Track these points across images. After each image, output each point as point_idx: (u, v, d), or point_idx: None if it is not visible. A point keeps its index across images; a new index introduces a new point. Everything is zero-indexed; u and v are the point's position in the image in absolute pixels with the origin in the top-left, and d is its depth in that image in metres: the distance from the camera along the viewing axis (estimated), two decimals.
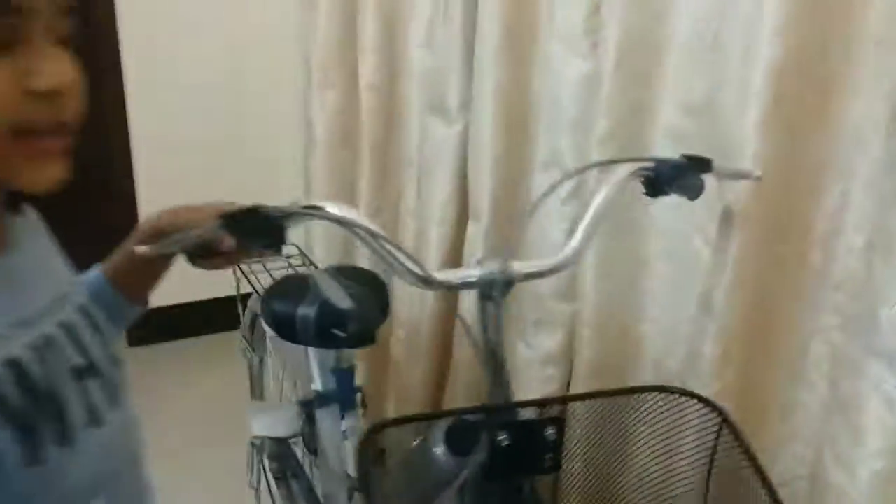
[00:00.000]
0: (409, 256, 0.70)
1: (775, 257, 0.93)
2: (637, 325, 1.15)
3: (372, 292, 1.22)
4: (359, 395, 1.25)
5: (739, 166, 0.88)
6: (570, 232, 0.84)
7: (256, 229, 0.70)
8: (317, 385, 1.27)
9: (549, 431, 0.69)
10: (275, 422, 1.41)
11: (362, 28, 1.59)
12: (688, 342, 1.01)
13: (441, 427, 0.83)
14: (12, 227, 0.59)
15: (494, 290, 0.73)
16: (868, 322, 0.77)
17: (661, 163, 0.82)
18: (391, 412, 1.61)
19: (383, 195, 1.65)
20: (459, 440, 0.84)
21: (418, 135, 1.51)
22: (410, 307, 1.52)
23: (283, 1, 2.08)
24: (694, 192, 0.85)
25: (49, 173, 0.53)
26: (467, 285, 0.73)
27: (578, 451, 0.75)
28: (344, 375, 1.21)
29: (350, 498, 1.22)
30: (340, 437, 1.22)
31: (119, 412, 0.62)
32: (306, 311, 1.14)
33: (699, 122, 1.02)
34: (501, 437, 0.70)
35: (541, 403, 0.74)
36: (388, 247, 0.71)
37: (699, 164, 0.82)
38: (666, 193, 0.83)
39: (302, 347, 1.29)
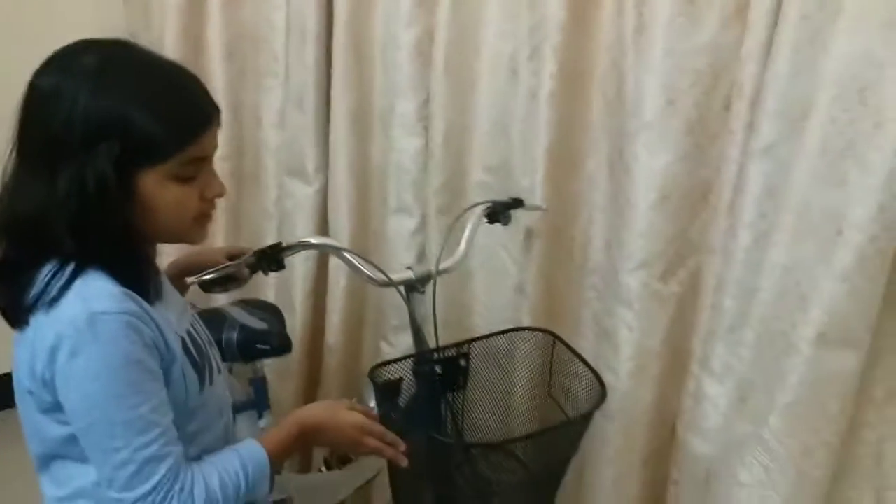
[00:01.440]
0: (375, 266, 1.13)
1: (556, 258, 1.50)
2: (470, 316, 1.66)
3: (273, 315, 1.58)
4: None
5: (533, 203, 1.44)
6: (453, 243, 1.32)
7: (274, 260, 1.08)
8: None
9: (462, 362, 1.16)
10: None
11: None
12: (510, 318, 1.53)
13: (368, 387, 1.26)
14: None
15: (419, 284, 1.19)
16: (615, 285, 1.36)
17: (496, 202, 1.34)
18: None
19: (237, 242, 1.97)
20: (386, 393, 1.26)
21: (276, 193, 1.88)
22: None
23: None
24: (507, 221, 1.39)
25: (205, 233, 0.92)
26: (406, 281, 1.17)
27: (476, 374, 1.21)
28: (259, 384, 1.53)
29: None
30: (259, 433, 1.53)
31: (223, 367, 0.99)
32: (230, 335, 1.46)
33: (496, 177, 1.57)
34: (437, 369, 1.14)
35: (456, 345, 1.19)
36: (357, 261, 1.13)
37: (517, 203, 1.36)
38: (498, 221, 1.36)
39: None
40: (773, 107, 1.13)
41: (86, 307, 0.77)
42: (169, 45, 1.86)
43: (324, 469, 1.49)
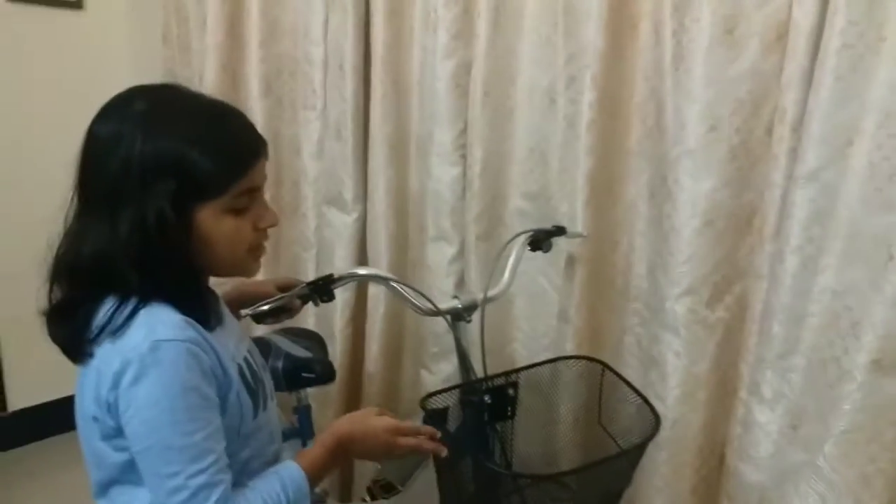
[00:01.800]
0: (423, 296, 1.14)
1: (597, 284, 1.50)
2: (510, 343, 1.67)
3: (316, 344, 1.60)
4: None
5: (574, 231, 1.44)
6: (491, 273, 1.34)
7: (325, 291, 1.10)
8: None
9: (510, 391, 1.16)
10: None
11: None
12: (552, 345, 1.54)
13: (412, 416, 1.27)
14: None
15: (465, 312, 1.20)
16: (660, 312, 1.36)
17: (538, 230, 1.35)
18: None
19: (275, 274, 2.00)
20: (432, 423, 1.27)
21: (315, 222, 1.91)
22: None
23: None
24: (548, 248, 1.40)
25: (258, 266, 0.96)
26: (453, 310, 1.18)
27: (524, 403, 1.21)
28: (304, 412, 1.55)
29: None
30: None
31: (274, 394, 1.02)
32: (276, 363, 1.48)
33: (535, 204, 1.59)
34: (486, 398, 1.14)
35: (504, 374, 1.19)
36: (406, 290, 1.14)
37: (559, 230, 1.37)
38: (540, 249, 1.37)
39: None
40: (817, 133, 1.13)
41: (149, 335, 0.81)
42: (208, 82, 1.91)
43: (367, 499, 1.49)
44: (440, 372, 1.71)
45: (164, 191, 0.82)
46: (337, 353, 1.85)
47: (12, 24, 2.17)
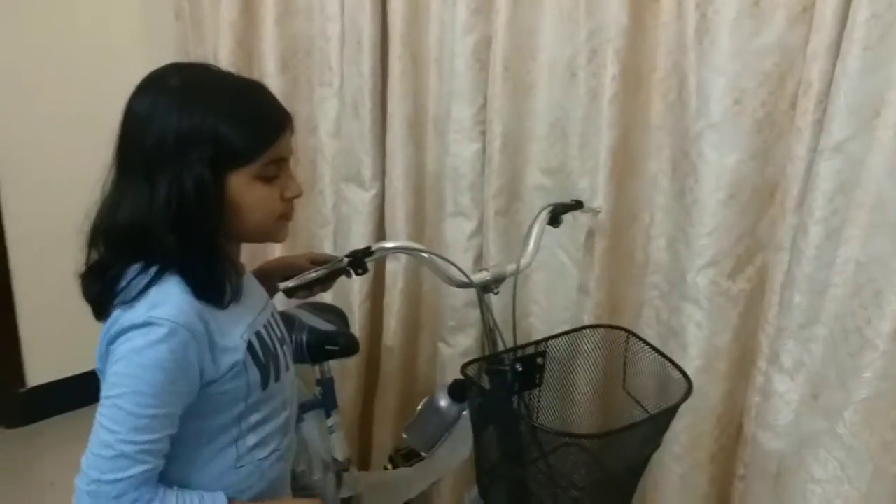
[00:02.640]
0: (456, 267, 1.16)
1: (617, 258, 1.52)
2: (527, 317, 1.68)
3: (339, 318, 1.62)
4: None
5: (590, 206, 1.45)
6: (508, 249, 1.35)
7: (361, 264, 1.11)
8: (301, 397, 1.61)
9: (539, 360, 1.18)
10: None
11: None
12: (571, 318, 1.55)
13: (441, 387, 1.29)
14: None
15: (494, 284, 1.21)
16: (682, 284, 1.37)
17: (557, 204, 1.37)
18: None
19: (292, 251, 2.01)
20: (457, 393, 1.29)
21: (332, 199, 1.92)
22: None
23: None
24: (559, 223, 1.41)
25: (287, 232, 0.99)
26: (484, 282, 1.20)
27: (550, 371, 1.23)
28: (328, 384, 1.57)
29: (339, 479, 1.56)
30: (327, 431, 1.56)
31: (292, 365, 1.03)
32: (300, 336, 1.50)
33: (554, 180, 1.60)
34: (518, 367, 1.16)
35: (533, 343, 1.21)
36: (440, 262, 1.16)
37: (577, 205, 1.38)
38: (559, 222, 1.38)
39: None
40: (843, 104, 1.14)
41: (150, 310, 0.86)
42: (223, 59, 1.91)
43: (389, 467, 1.52)
44: (458, 345, 1.73)
45: (201, 158, 0.87)
46: (356, 328, 1.87)
47: (25, 2, 2.17)
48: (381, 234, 1.85)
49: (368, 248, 1.12)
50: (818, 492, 1.20)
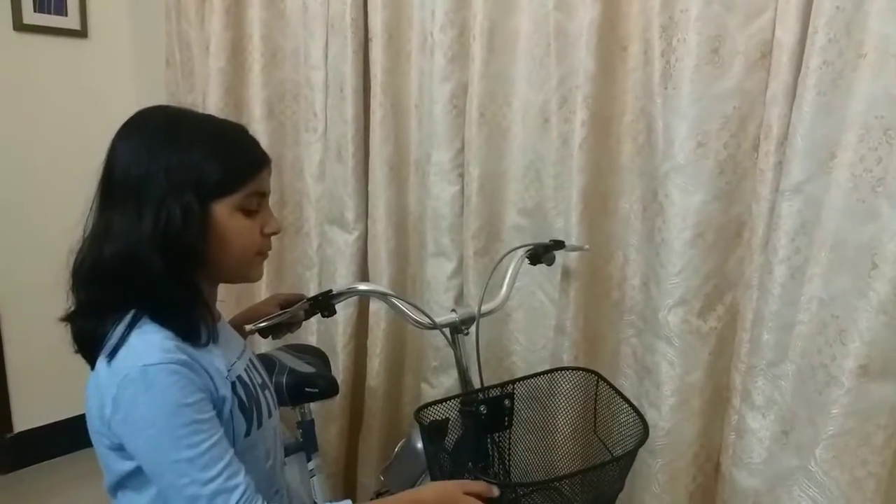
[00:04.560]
0: (421, 310, 1.18)
1: (593, 297, 1.54)
2: (509, 356, 1.70)
3: (319, 360, 1.63)
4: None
5: (573, 244, 1.48)
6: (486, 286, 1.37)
7: (326, 306, 1.13)
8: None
9: (507, 402, 1.19)
10: None
11: None
12: (550, 357, 1.57)
13: (416, 427, 1.29)
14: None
15: (463, 325, 1.23)
16: (654, 323, 1.39)
17: (537, 245, 1.39)
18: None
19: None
20: (432, 434, 1.30)
21: (317, 241, 1.95)
22: None
23: None
24: (551, 261, 1.44)
25: (262, 271, 1.00)
26: (451, 323, 1.22)
27: (523, 414, 1.24)
28: (308, 427, 1.57)
29: None
30: (308, 475, 1.57)
31: (276, 411, 1.03)
32: (280, 379, 1.51)
33: (531, 220, 1.63)
34: (482, 409, 1.17)
35: (500, 385, 1.22)
36: (404, 305, 1.18)
37: (558, 245, 1.41)
38: (540, 262, 1.40)
39: None
40: (801, 147, 1.17)
41: (138, 360, 0.86)
42: (211, 105, 1.96)
43: None
44: (441, 385, 1.74)
45: (187, 187, 0.90)
46: (339, 368, 1.88)
47: (20, 52, 2.24)
48: (364, 275, 1.88)
49: (329, 291, 1.15)
50: None
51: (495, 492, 0.97)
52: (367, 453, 1.89)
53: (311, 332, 1.97)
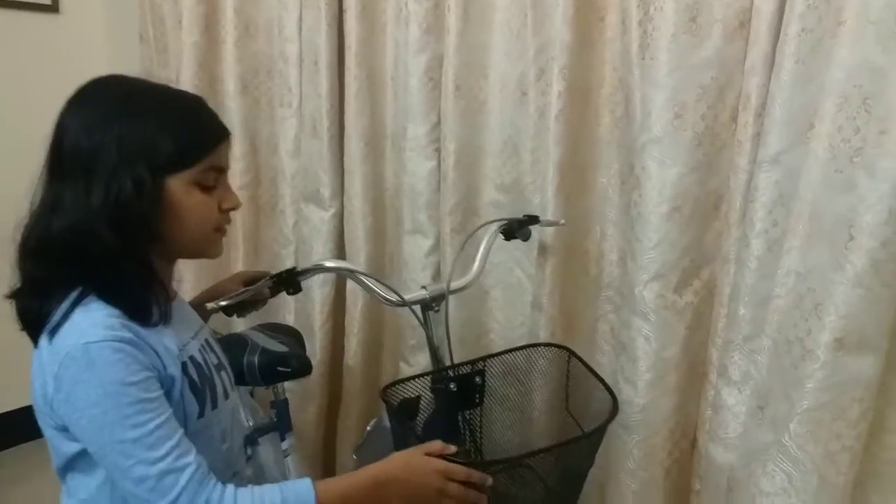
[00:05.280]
0: (388, 287, 1.15)
1: (571, 273, 1.52)
2: (487, 334, 1.68)
3: (293, 339, 1.60)
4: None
5: (548, 219, 1.46)
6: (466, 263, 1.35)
7: (290, 284, 1.10)
8: (253, 420, 1.59)
9: (478, 379, 1.17)
10: None
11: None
12: (527, 334, 1.55)
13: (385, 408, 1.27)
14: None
15: (433, 303, 1.21)
16: (630, 298, 1.37)
17: (511, 220, 1.37)
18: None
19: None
20: (403, 413, 1.28)
21: (293, 219, 1.92)
22: None
23: None
24: (526, 236, 1.41)
25: (222, 247, 0.96)
26: (421, 300, 1.19)
27: (497, 391, 1.22)
28: (282, 406, 1.55)
29: None
30: (281, 455, 1.55)
31: (233, 392, 1.00)
32: (252, 358, 1.49)
33: (509, 196, 1.60)
34: (452, 386, 1.15)
35: (471, 362, 1.20)
36: (372, 282, 1.15)
37: (533, 219, 1.38)
38: (515, 238, 1.38)
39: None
40: (779, 117, 1.15)
41: (80, 338, 0.82)
42: (185, 81, 1.91)
43: None
44: (418, 364, 1.72)
45: (140, 160, 0.86)
46: (317, 348, 1.86)
47: None
48: (341, 253, 1.85)
49: (293, 269, 1.12)
50: None
51: (451, 449, 0.95)
52: (346, 433, 1.87)
53: (289, 311, 1.94)
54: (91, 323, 0.83)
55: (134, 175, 0.86)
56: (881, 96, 1.03)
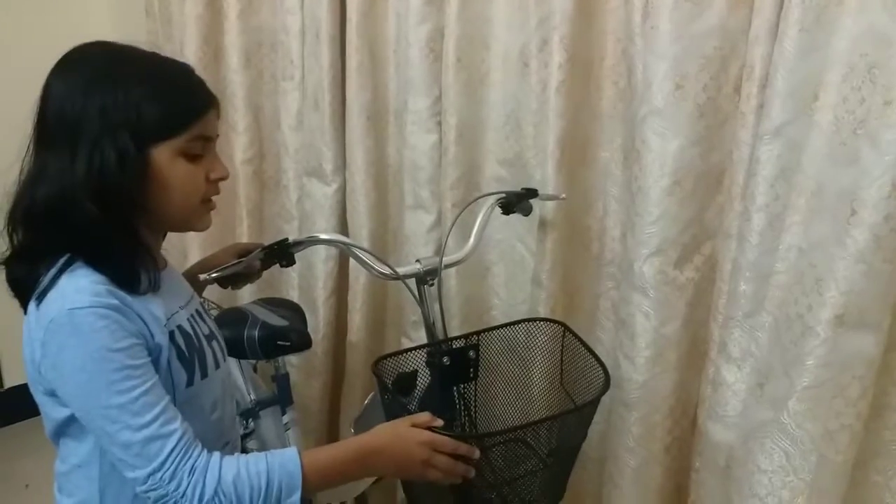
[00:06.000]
0: (381, 261, 1.14)
1: (572, 249, 1.50)
2: (489, 311, 1.67)
3: (294, 313, 1.61)
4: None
5: (547, 193, 1.44)
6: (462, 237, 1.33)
7: (283, 256, 1.10)
8: (255, 394, 1.60)
9: (472, 353, 1.17)
10: None
11: (233, 117, 1.96)
12: (528, 311, 1.54)
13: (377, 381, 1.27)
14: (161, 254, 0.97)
15: (428, 277, 1.20)
16: (630, 274, 1.35)
17: (510, 193, 1.35)
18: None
19: None
20: (402, 386, 1.28)
21: (296, 194, 1.92)
22: None
23: None
24: (527, 211, 1.39)
25: (210, 220, 0.95)
26: (415, 274, 1.18)
27: (494, 366, 1.22)
28: (283, 380, 1.56)
29: None
30: (283, 429, 1.56)
31: (225, 363, 1.00)
32: (252, 332, 1.49)
33: (511, 170, 1.58)
34: (445, 360, 1.14)
35: (465, 336, 1.20)
36: (365, 255, 1.15)
37: (531, 193, 1.36)
38: (513, 212, 1.36)
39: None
40: (782, 87, 1.11)
41: (65, 304, 0.82)
42: (189, 55, 1.91)
43: None
44: (420, 339, 1.71)
45: (124, 129, 0.85)
46: (321, 323, 1.87)
47: None
48: (343, 228, 1.84)
49: (285, 240, 1.11)
50: (765, 483, 1.18)
51: (439, 422, 0.94)
52: (349, 408, 1.88)
53: (293, 286, 1.95)
54: (77, 289, 0.83)
55: (117, 145, 0.84)
56: (887, 65, 0.99)
